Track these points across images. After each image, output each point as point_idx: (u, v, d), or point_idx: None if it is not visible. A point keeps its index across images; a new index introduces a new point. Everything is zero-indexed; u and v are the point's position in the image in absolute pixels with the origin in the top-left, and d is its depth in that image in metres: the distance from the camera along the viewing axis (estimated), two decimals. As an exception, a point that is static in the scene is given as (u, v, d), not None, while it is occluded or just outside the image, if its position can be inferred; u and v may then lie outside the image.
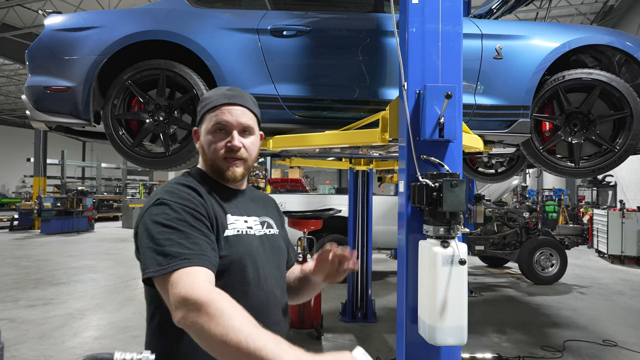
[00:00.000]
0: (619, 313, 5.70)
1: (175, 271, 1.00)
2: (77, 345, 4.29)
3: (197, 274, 1.00)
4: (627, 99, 2.95)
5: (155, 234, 1.06)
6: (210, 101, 1.27)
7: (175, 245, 1.04)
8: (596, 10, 13.61)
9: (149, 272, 1.02)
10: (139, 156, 2.86)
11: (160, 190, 1.18)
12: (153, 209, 1.11)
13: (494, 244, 7.72)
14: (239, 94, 1.29)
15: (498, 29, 2.97)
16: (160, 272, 1.01)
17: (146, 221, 1.10)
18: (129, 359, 0.67)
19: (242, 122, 1.25)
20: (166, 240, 1.04)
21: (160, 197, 1.13)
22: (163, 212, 1.09)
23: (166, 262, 1.01)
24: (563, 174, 3.12)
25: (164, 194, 1.14)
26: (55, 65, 2.87)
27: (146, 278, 1.04)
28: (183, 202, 1.12)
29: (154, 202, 1.13)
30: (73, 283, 6.96)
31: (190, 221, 1.09)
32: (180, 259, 1.02)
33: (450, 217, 1.98)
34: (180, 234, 1.06)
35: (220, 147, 1.24)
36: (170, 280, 0.99)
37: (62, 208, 14.36)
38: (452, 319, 1.93)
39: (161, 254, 1.02)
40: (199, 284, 0.97)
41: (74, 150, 27.75)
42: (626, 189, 12.52)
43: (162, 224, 1.07)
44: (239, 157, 1.24)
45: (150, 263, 1.03)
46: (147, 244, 1.06)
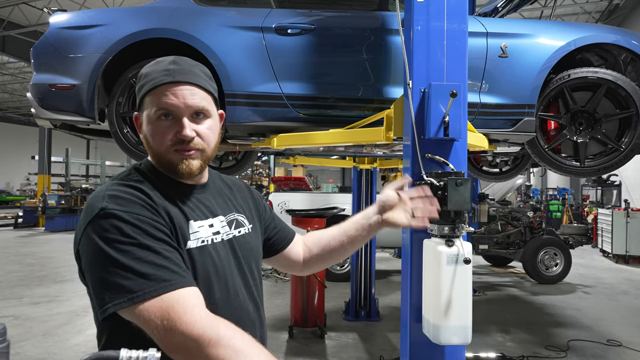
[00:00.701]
0: (623, 313, 5.68)
1: (154, 298, 0.84)
2: (81, 343, 4.32)
3: (186, 300, 0.85)
4: (633, 98, 2.94)
5: (113, 254, 0.85)
6: (149, 79, 1.00)
7: (145, 266, 0.85)
8: (601, 9, 13.54)
9: (117, 303, 0.83)
10: (143, 154, 2.87)
11: (99, 196, 0.93)
12: (100, 223, 0.88)
13: (497, 243, 7.70)
14: (185, 67, 1.02)
15: (503, 28, 2.95)
16: (133, 302, 0.83)
17: (93, 239, 0.88)
18: (135, 357, 0.67)
19: (193, 104, 1.00)
20: (132, 261, 0.85)
21: (104, 206, 0.90)
22: (113, 226, 0.88)
23: (138, 287, 0.84)
24: (568, 173, 3.10)
25: (108, 200, 0.91)
26: (60, 63, 2.88)
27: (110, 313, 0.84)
28: (135, 210, 0.91)
29: (97, 214, 0.89)
30: (77, 280, 6.88)
31: (151, 232, 0.90)
32: (159, 282, 0.85)
33: (455, 216, 1.98)
34: (146, 251, 0.87)
35: (168, 138, 0.99)
36: (150, 309, 0.83)
37: (67, 206, 14.44)
38: (456, 318, 1.93)
39: (128, 279, 0.84)
40: (198, 314, 0.84)
41: (78, 148, 27.87)
42: (631, 189, 12.45)
43: (117, 240, 0.87)
44: (193, 147, 1.01)
45: (114, 292, 0.84)
46: (104, 267, 0.86)
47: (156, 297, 0.84)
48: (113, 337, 0.96)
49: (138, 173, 1.03)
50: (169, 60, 1.02)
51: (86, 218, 0.92)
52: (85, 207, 0.94)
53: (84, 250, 0.91)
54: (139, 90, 1.02)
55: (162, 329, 0.83)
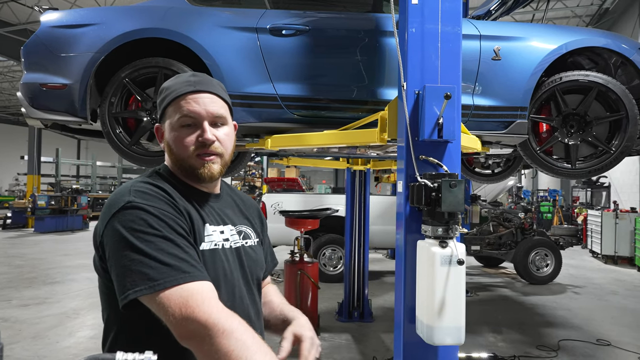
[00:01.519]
0: (612, 313, 5.74)
1: (174, 287, 0.88)
2: (72, 345, 4.27)
3: (204, 291, 0.90)
4: (623, 101, 2.97)
5: (138, 244, 0.90)
6: (171, 91, 1.08)
7: (167, 257, 0.90)
8: (592, 13, 13.70)
9: (138, 290, 0.87)
10: (136, 155, 2.85)
11: (125, 191, 0.99)
12: (124, 214, 0.94)
13: (489, 244, 7.75)
14: (204, 79, 1.11)
15: (496, 30, 2.98)
16: (154, 290, 0.87)
17: (118, 228, 0.93)
18: (132, 359, 0.66)
19: (213, 111, 1.07)
20: (156, 251, 0.90)
21: (130, 199, 0.95)
22: (139, 218, 0.93)
23: (160, 276, 0.88)
24: (559, 175, 3.13)
25: (135, 195, 0.97)
26: (51, 62, 2.85)
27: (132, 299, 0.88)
28: (159, 206, 0.97)
29: (123, 205, 0.95)
30: (68, 282, 6.92)
31: (174, 227, 0.96)
32: (180, 273, 0.89)
33: (449, 217, 1.99)
34: (169, 243, 0.92)
35: (190, 142, 1.05)
36: (170, 297, 0.87)
37: (57, 206, 14.27)
38: (450, 319, 1.94)
39: (150, 267, 0.88)
40: (215, 305, 0.89)
41: (69, 149, 27.60)
42: (620, 190, 12.61)
43: (142, 231, 0.92)
44: (213, 152, 1.07)
45: (137, 279, 0.88)
46: (128, 256, 0.90)
47: (176, 286, 0.88)
48: (121, 332, 1.00)
49: (159, 176, 1.09)
50: (188, 74, 1.12)
51: (111, 210, 0.96)
52: (110, 202, 0.99)
53: (108, 240, 0.95)
54: (161, 103, 1.10)
55: (179, 316, 0.86)
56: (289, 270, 4.57)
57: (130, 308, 0.90)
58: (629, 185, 11.76)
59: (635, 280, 7.98)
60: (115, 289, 0.93)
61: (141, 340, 0.92)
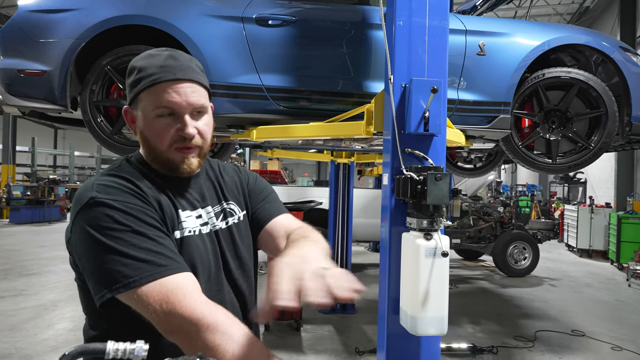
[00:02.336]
0: (586, 304, 5.92)
1: (152, 282, 0.84)
2: (51, 337, 4.20)
3: (185, 285, 0.86)
4: (603, 98, 3.04)
5: (107, 242, 0.86)
6: (147, 74, 0.97)
7: (140, 251, 0.86)
8: (573, 11, 13.95)
9: (114, 288, 0.83)
10: (118, 144, 2.80)
11: (89, 186, 0.93)
12: (89, 211, 0.88)
13: (469, 238, 7.88)
14: (183, 63, 1.00)
15: (482, 26, 3.00)
16: (130, 287, 0.83)
17: (84, 227, 0.88)
18: (123, 349, 0.65)
19: (194, 102, 0.99)
20: (127, 247, 0.86)
21: (93, 195, 0.90)
22: (104, 214, 0.88)
23: (135, 272, 0.84)
24: (541, 170, 3.20)
25: (98, 190, 0.91)
26: (29, 48, 2.76)
27: (109, 298, 0.84)
28: (124, 199, 0.91)
29: (86, 202, 0.89)
30: (45, 274, 6.78)
31: (144, 219, 0.91)
32: (156, 267, 0.85)
33: (434, 210, 2.01)
34: (140, 237, 0.88)
35: (170, 135, 0.98)
36: (149, 293, 0.83)
37: (33, 197, 13.93)
38: (433, 310, 1.97)
39: (124, 265, 0.84)
40: (197, 299, 0.85)
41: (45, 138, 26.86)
42: (596, 186, 12.96)
43: (109, 227, 0.87)
44: (193, 145, 1.01)
45: (110, 279, 0.84)
46: (98, 255, 0.86)
47: (153, 281, 0.84)
48: (104, 325, 0.96)
49: (129, 164, 1.02)
50: (165, 55, 0.99)
51: (75, 208, 0.91)
52: (75, 198, 0.94)
53: (76, 240, 0.90)
54: (134, 85, 0.99)
55: (161, 313, 0.83)
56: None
57: (108, 307, 0.86)
58: (604, 181, 12.10)
59: (608, 273, 8.24)
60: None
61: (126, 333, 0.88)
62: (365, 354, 3.96)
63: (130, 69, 1.01)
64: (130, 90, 1.00)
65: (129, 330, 0.81)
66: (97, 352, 0.65)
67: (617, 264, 8.56)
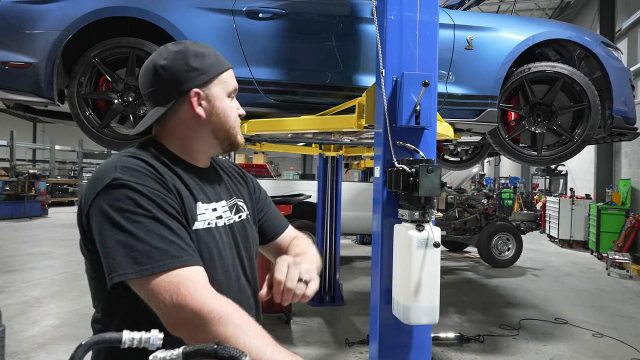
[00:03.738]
0: (568, 293, 6.09)
1: (164, 273, 0.84)
2: (36, 334, 4.14)
3: (196, 278, 0.86)
4: (586, 92, 3.12)
5: (125, 225, 0.85)
6: (215, 60, 1.05)
7: (157, 239, 0.86)
8: (554, 6, 14.16)
9: (124, 273, 0.83)
10: (107, 137, 2.77)
11: (111, 167, 0.92)
12: (111, 192, 0.88)
13: (455, 229, 8.00)
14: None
15: (469, 20, 3.04)
16: (141, 275, 0.83)
17: (104, 208, 0.87)
18: (138, 338, 0.66)
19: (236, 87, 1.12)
20: (144, 233, 0.85)
21: (117, 176, 0.90)
22: (127, 196, 0.88)
23: (148, 260, 0.84)
24: (526, 162, 3.27)
25: (121, 171, 0.91)
26: (14, 39, 2.71)
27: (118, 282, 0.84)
28: (148, 184, 0.91)
29: (109, 183, 0.89)
30: (28, 270, 6.66)
31: (164, 207, 0.90)
32: (169, 257, 0.85)
33: (425, 202, 2.05)
34: (158, 225, 0.87)
35: (236, 115, 1.10)
36: (160, 283, 0.83)
37: (13, 192, 13.62)
38: (425, 299, 2.01)
39: (138, 251, 0.84)
40: (208, 292, 0.85)
41: (24, 131, 26.21)
42: (576, 178, 13.25)
43: (130, 211, 0.87)
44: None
45: (123, 262, 0.84)
46: (115, 237, 0.85)
47: (165, 272, 0.84)
48: (113, 313, 0.96)
49: (145, 150, 1.02)
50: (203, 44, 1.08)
51: (96, 188, 0.90)
52: (94, 179, 0.93)
53: (93, 220, 0.89)
54: (209, 69, 1.03)
55: (170, 305, 0.82)
56: (261, 255, 4.56)
57: (118, 289, 0.86)
58: (584, 173, 12.38)
59: (588, 262, 8.47)
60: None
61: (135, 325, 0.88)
62: (355, 344, 4.01)
63: (183, 52, 1.02)
64: (204, 71, 1.03)
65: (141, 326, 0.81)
66: (113, 341, 0.66)
67: (597, 254, 8.80)
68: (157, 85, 1.02)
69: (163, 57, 1.02)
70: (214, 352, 0.63)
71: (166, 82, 1.01)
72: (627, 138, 3.59)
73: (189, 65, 1.02)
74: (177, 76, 1.01)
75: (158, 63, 1.02)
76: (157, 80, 1.02)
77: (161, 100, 1.02)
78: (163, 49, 1.05)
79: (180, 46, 1.04)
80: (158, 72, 1.01)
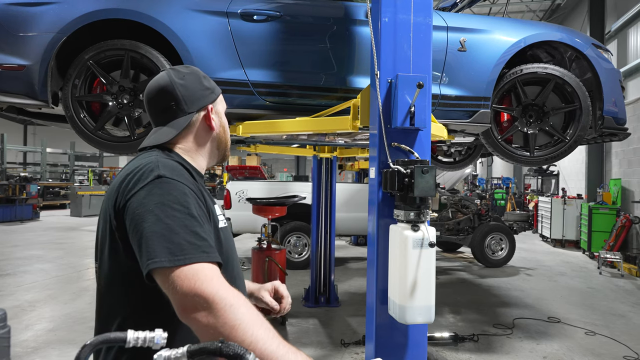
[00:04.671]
0: (561, 292, 6.15)
1: (190, 264, 0.90)
2: (29, 339, 4.11)
3: (214, 270, 0.93)
4: (578, 93, 3.17)
5: (164, 218, 0.93)
6: (214, 84, 1.25)
7: (190, 235, 0.93)
8: (545, 8, 14.30)
9: (159, 261, 0.89)
10: (102, 140, 2.76)
11: (152, 165, 1.01)
12: (154, 188, 0.96)
13: (448, 230, 8.05)
14: None
15: (462, 22, 3.08)
16: (174, 264, 0.89)
17: (147, 200, 0.94)
18: (143, 337, 0.67)
19: None
20: (180, 227, 0.93)
21: (161, 173, 0.98)
22: (169, 193, 0.96)
23: (181, 252, 0.90)
24: (519, 162, 3.31)
25: (164, 170, 1.00)
26: (7, 41, 2.69)
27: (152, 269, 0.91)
28: (187, 183, 1.01)
29: (153, 180, 0.97)
30: (20, 274, 6.60)
31: (197, 207, 1.00)
32: (199, 251, 0.92)
33: (420, 202, 2.07)
34: (193, 221, 0.95)
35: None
36: (183, 271, 0.89)
37: (3, 195, 13.48)
38: (421, 299, 2.03)
39: (173, 242, 0.91)
40: (224, 281, 0.92)
41: (15, 134, 25.97)
42: (568, 178, 13.38)
43: (170, 206, 0.94)
44: None
45: (159, 251, 0.90)
46: (154, 227, 0.92)
47: (194, 263, 0.90)
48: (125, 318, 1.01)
49: (169, 156, 1.11)
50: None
51: (139, 183, 0.98)
52: (135, 174, 1.00)
53: (132, 212, 0.95)
54: (215, 89, 1.22)
55: (187, 289, 0.87)
56: (256, 257, 4.57)
57: (151, 279, 0.92)
58: (576, 173, 12.51)
59: (580, 262, 8.55)
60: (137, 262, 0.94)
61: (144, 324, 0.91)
62: (350, 345, 4.03)
63: (201, 75, 1.20)
64: (211, 91, 1.20)
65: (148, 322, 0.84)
66: (118, 341, 0.67)
67: (589, 253, 8.89)
68: (176, 101, 1.14)
69: (180, 78, 1.16)
70: (218, 349, 0.64)
71: (186, 98, 1.15)
72: (617, 138, 3.64)
73: (203, 85, 1.19)
74: (196, 93, 1.16)
75: (177, 82, 1.15)
76: (177, 97, 1.14)
77: (181, 113, 1.15)
78: (175, 72, 1.17)
79: (190, 69, 1.20)
80: (178, 89, 1.14)
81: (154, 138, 1.15)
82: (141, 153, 1.12)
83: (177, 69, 1.19)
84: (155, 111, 1.17)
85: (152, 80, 1.18)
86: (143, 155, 1.07)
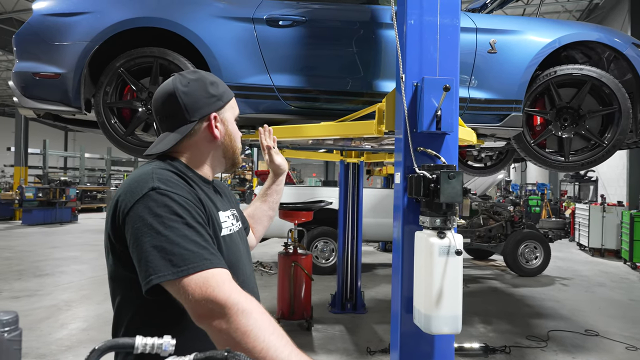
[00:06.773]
0: (599, 304, 5.86)
1: (197, 273, 0.90)
2: (64, 337, 4.25)
3: (223, 275, 0.93)
4: (616, 95, 3.02)
5: (162, 230, 0.92)
6: (226, 89, 1.21)
7: (191, 244, 0.93)
8: (582, 8, 13.81)
9: (162, 275, 0.89)
10: (132, 145, 2.83)
11: (147, 177, 1.00)
12: (149, 200, 0.95)
13: (479, 237, 7.83)
14: None
15: (492, 24, 2.99)
16: (177, 276, 0.89)
17: (143, 214, 0.94)
18: (151, 344, 0.66)
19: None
20: (179, 237, 0.93)
21: (155, 185, 0.98)
22: (164, 204, 0.95)
23: (184, 262, 0.90)
24: (553, 168, 3.18)
25: (158, 181, 0.99)
26: (44, 51, 2.80)
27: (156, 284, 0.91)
28: (182, 193, 1.00)
29: (147, 193, 0.96)
30: (58, 274, 6.86)
31: (195, 216, 0.99)
32: (201, 259, 0.92)
33: (447, 208, 2.01)
34: (192, 231, 0.95)
35: (240, 138, 1.25)
36: (192, 280, 0.89)
37: (45, 198, 14.09)
38: (447, 308, 1.97)
39: (174, 254, 0.91)
40: (235, 287, 0.92)
41: (56, 140, 27.19)
42: (607, 184, 12.81)
43: (167, 217, 0.94)
44: None
45: (161, 265, 0.90)
46: (151, 241, 0.92)
47: (198, 272, 0.90)
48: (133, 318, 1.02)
49: (171, 164, 1.10)
50: (213, 75, 1.22)
51: (134, 196, 0.97)
52: (131, 187, 1.00)
53: (130, 225, 0.96)
54: (223, 96, 1.18)
55: (199, 296, 0.88)
56: (282, 262, 4.58)
57: (151, 294, 0.92)
58: (616, 179, 11.96)
59: (621, 272, 8.14)
60: (137, 274, 0.95)
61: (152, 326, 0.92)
62: (377, 353, 3.96)
63: (209, 81, 1.16)
64: (219, 97, 1.16)
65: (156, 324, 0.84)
66: (126, 346, 0.66)
67: (630, 263, 8.46)
68: (179, 109, 1.12)
69: (184, 85, 1.12)
70: (224, 359, 0.62)
71: (189, 106, 1.12)
72: (661, 143, 3.45)
73: (208, 92, 1.14)
74: (199, 101, 1.13)
75: (180, 89, 1.11)
76: (179, 104, 1.12)
77: (184, 121, 1.12)
78: (181, 78, 1.14)
79: (197, 75, 1.16)
80: (181, 97, 1.11)
81: (157, 146, 1.14)
82: (144, 162, 1.16)
83: (184, 75, 1.16)
84: (160, 117, 1.16)
85: (159, 86, 1.16)
86: (142, 167, 1.08)
